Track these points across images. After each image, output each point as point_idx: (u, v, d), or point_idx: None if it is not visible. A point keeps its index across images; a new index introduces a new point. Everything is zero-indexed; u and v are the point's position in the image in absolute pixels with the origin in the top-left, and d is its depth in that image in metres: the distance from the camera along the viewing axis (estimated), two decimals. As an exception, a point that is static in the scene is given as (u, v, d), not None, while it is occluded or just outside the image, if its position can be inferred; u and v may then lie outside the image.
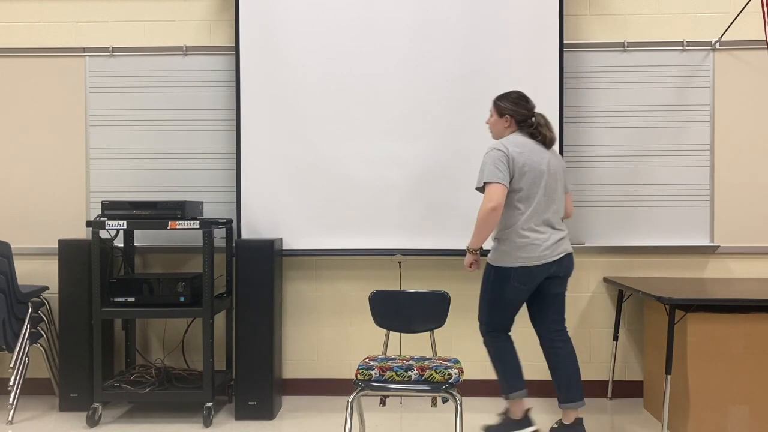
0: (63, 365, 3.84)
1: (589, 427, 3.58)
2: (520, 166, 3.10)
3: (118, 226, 3.64)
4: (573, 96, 4.07)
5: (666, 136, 4.06)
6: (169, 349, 4.20)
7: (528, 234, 3.11)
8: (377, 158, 4.00)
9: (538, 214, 3.14)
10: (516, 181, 3.10)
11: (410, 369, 2.89)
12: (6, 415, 3.74)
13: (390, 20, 3.99)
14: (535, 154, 3.14)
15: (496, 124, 3.28)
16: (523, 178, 3.10)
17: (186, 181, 4.16)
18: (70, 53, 4.18)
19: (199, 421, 3.69)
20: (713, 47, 4.05)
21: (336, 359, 4.17)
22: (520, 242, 3.11)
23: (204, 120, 4.15)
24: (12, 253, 3.82)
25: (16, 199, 4.21)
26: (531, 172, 3.11)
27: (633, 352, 4.11)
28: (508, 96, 3.28)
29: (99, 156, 4.17)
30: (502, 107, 3.26)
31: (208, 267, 3.63)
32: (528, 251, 3.11)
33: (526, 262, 3.11)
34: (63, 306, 3.84)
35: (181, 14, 4.17)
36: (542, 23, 3.95)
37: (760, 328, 3.30)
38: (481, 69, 3.98)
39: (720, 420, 3.31)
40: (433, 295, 3.23)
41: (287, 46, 4.02)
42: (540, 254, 3.12)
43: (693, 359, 3.31)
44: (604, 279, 4.09)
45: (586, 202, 4.08)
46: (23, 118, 4.20)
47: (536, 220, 3.13)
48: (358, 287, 4.15)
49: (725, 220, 4.06)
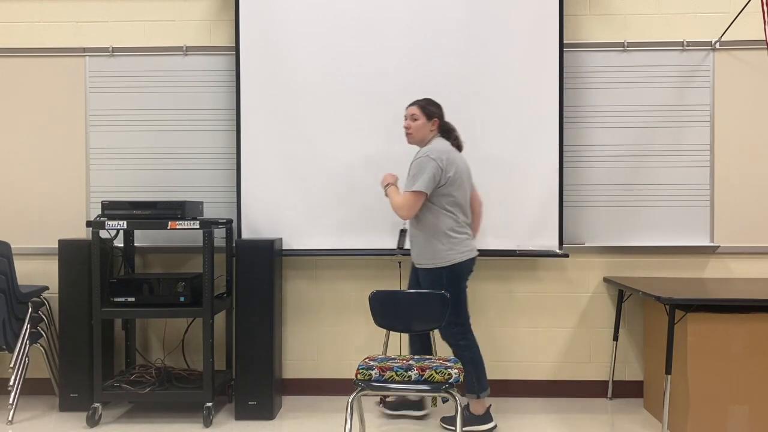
0: (63, 365, 3.84)
1: (589, 427, 3.58)
2: (452, 175, 3.36)
3: (118, 226, 3.64)
4: (573, 96, 4.07)
5: (666, 136, 4.06)
6: (169, 349, 4.20)
7: (459, 233, 3.41)
8: (377, 158, 4.00)
9: (465, 216, 3.45)
10: (447, 188, 3.36)
11: (410, 369, 2.89)
12: (6, 415, 3.74)
13: (390, 20, 3.99)
14: (459, 160, 3.44)
15: (423, 128, 3.45)
16: (454, 186, 3.37)
17: (186, 181, 4.16)
18: (70, 53, 4.18)
19: (199, 421, 3.69)
20: (713, 47, 4.05)
21: (336, 359, 4.17)
22: (455, 240, 3.39)
23: (204, 120, 4.15)
24: (12, 253, 3.82)
25: (16, 199, 4.21)
26: (460, 180, 3.40)
27: (633, 352, 4.11)
28: (430, 101, 3.50)
29: (99, 156, 4.17)
30: (432, 111, 3.48)
31: (208, 267, 3.63)
32: (464, 245, 3.41)
33: (467, 255, 3.40)
34: (63, 306, 3.84)
35: (181, 14, 4.17)
36: (542, 23, 3.95)
37: (760, 328, 3.30)
38: (481, 69, 3.98)
39: (720, 420, 3.31)
40: (433, 295, 3.23)
41: (287, 46, 4.02)
42: (471, 248, 3.45)
43: (693, 359, 3.31)
44: (604, 279, 4.09)
45: (586, 202, 4.08)
46: (23, 118, 4.20)
47: (463, 221, 3.44)
48: (358, 287, 4.15)
49: (725, 220, 4.06)
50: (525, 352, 4.13)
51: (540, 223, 3.96)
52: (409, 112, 3.50)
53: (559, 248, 3.97)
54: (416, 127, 3.46)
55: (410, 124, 3.47)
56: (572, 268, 4.11)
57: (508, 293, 4.12)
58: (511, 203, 3.97)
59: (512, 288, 4.12)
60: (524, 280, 4.12)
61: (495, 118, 3.98)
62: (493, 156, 3.98)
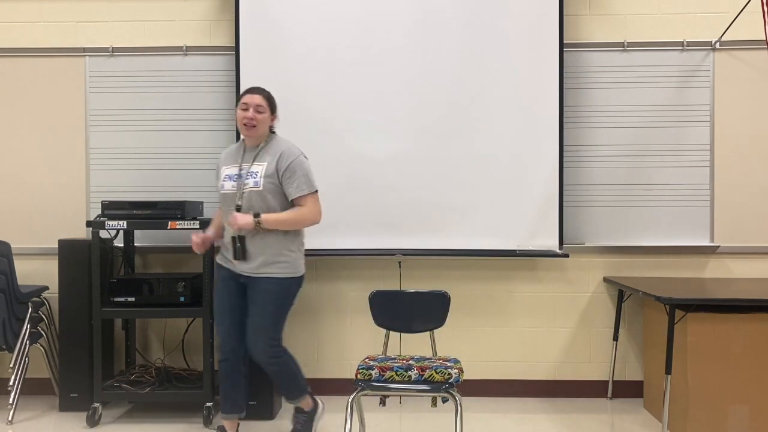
0: (63, 365, 3.84)
1: (589, 427, 3.58)
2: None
3: (118, 226, 3.64)
4: (573, 96, 4.07)
5: (666, 136, 4.06)
6: (169, 349, 4.20)
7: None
8: (377, 158, 4.00)
9: None
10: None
11: (410, 369, 2.89)
12: (6, 415, 3.74)
13: (390, 20, 3.99)
14: None
15: (266, 122, 3.16)
16: None
17: (186, 181, 4.16)
18: (70, 53, 4.18)
19: (199, 421, 3.69)
20: (713, 47, 4.05)
21: (336, 359, 4.17)
22: (302, 249, 3.24)
23: (204, 120, 4.15)
24: (12, 253, 3.82)
25: (16, 199, 4.21)
26: None
27: (633, 352, 4.11)
28: (270, 94, 3.23)
29: (99, 156, 4.17)
30: (275, 104, 3.22)
31: (208, 267, 3.63)
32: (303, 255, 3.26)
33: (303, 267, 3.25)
34: (63, 306, 3.84)
35: (181, 14, 4.17)
36: (542, 23, 3.95)
37: (760, 328, 3.30)
38: (481, 69, 3.98)
39: (720, 420, 3.31)
40: (433, 295, 3.23)
41: (287, 46, 4.02)
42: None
43: (693, 359, 3.31)
44: (604, 279, 4.09)
45: (586, 202, 4.08)
46: (23, 118, 4.20)
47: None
48: (358, 287, 4.15)
49: (725, 220, 4.06)
50: (525, 352, 4.13)
51: (540, 223, 3.96)
52: (253, 102, 3.11)
53: (559, 248, 3.97)
54: (263, 120, 3.12)
55: (255, 116, 3.10)
56: (572, 268, 4.10)
57: (508, 293, 4.12)
58: (511, 203, 3.97)
59: (512, 288, 4.12)
60: (524, 280, 4.11)
61: (495, 118, 3.98)
62: (493, 156, 3.98)
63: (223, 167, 3.20)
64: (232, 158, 3.20)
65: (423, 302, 3.23)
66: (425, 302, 3.23)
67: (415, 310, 3.23)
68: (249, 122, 3.10)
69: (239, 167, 3.14)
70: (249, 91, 3.16)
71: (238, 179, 3.12)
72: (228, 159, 3.21)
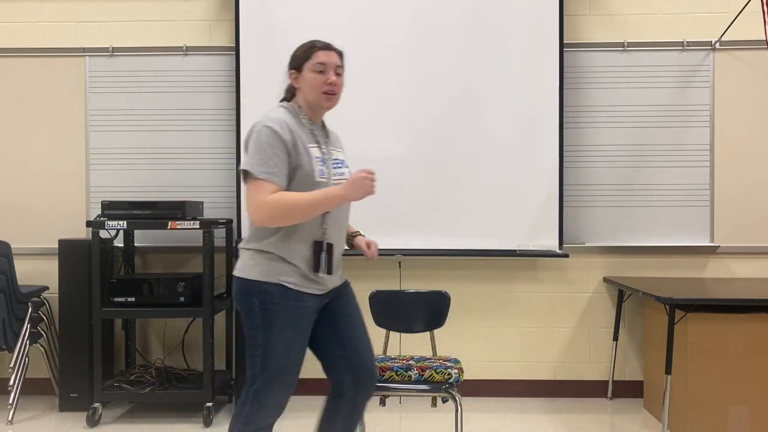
0: (63, 365, 3.84)
1: (590, 427, 3.58)
2: None
3: (118, 226, 3.64)
4: (573, 96, 4.07)
5: (666, 136, 4.06)
6: (169, 349, 4.20)
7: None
8: (377, 158, 4.00)
9: None
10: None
11: (410, 369, 2.89)
12: (6, 415, 3.74)
13: (390, 20, 3.99)
14: None
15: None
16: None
17: (186, 181, 4.16)
18: (70, 53, 4.18)
19: (199, 421, 3.69)
20: (713, 47, 4.05)
21: (336, 359, 4.16)
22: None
23: (204, 120, 4.15)
24: (12, 253, 3.82)
25: (16, 199, 4.21)
26: None
27: (633, 352, 4.11)
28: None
29: (99, 156, 4.17)
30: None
31: (208, 267, 3.63)
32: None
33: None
34: (63, 306, 3.84)
35: (181, 14, 4.17)
36: (542, 23, 3.95)
37: (760, 328, 3.30)
38: (481, 69, 3.98)
39: (720, 420, 3.31)
40: (433, 295, 3.23)
41: (287, 46, 4.00)
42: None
43: (693, 359, 3.31)
44: (604, 279, 4.09)
45: (586, 202, 4.08)
46: (23, 118, 4.20)
47: None
48: (358, 287, 4.14)
49: (725, 220, 4.06)
50: (525, 352, 4.13)
51: (540, 223, 3.96)
52: (332, 61, 2.33)
53: (559, 248, 3.97)
54: (342, 86, 2.39)
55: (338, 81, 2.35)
56: (572, 268, 4.10)
57: (508, 293, 4.12)
58: (511, 203, 3.97)
59: (512, 288, 4.12)
60: (524, 280, 4.11)
61: (495, 118, 3.98)
62: (493, 155, 3.98)
63: (307, 145, 2.29)
64: (306, 135, 2.31)
65: (423, 302, 3.23)
66: (425, 302, 3.23)
67: (415, 310, 3.23)
68: (331, 89, 2.33)
69: (320, 149, 2.34)
70: (325, 47, 2.33)
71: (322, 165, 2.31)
72: (303, 135, 2.29)
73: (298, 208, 2.16)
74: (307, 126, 2.34)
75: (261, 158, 2.18)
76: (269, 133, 2.20)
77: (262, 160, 2.18)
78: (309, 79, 2.31)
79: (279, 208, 2.15)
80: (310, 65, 2.31)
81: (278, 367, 2.24)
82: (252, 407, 2.26)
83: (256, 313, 2.23)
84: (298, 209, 2.16)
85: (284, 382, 2.26)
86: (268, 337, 2.23)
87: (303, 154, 2.24)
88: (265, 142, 2.18)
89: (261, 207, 2.15)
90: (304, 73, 2.32)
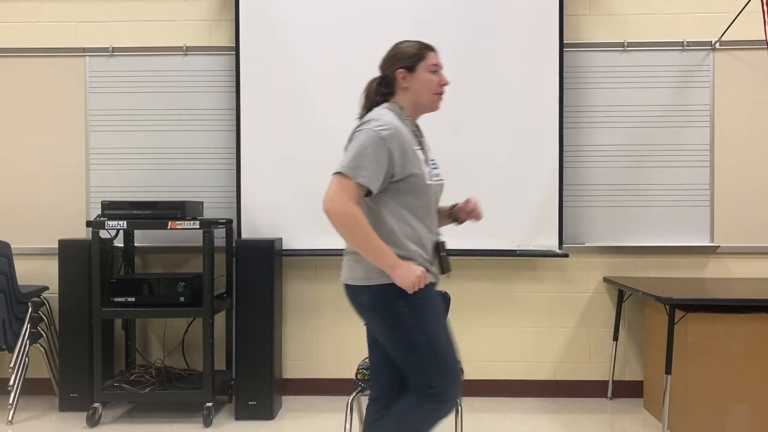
0: (63, 365, 3.84)
1: (589, 427, 3.58)
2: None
3: (118, 226, 3.64)
4: (573, 96, 4.07)
5: (666, 136, 4.06)
6: (169, 349, 4.20)
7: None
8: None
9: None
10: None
11: (410, 369, 2.89)
12: (6, 415, 3.74)
13: (390, 20, 3.99)
14: None
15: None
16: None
17: (186, 181, 4.16)
18: (70, 53, 4.18)
19: (199, 421, 3.69)
20: (713, 47, 4.05)
21: (336, 359, 4.16)
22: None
23: (204, 120, 4.15)
24: (12, 253, 3.82)
25: (16, 199, 4.21)
26: None
27: (633, 352, 4.11)
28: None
29: (99, 156, 4.17)
30: None
31: (208, 267, 3.63)
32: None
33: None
34: (63, 306, 3.84)
35: (181, 14, 4.17)
36: (542, 23, 3.95)
37: (760, 328, 3.30)
38: (481, 69, 3.98)
39: (720, 420, 3.31)
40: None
41: (287, 46, 4.02)
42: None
43: (693, 359, 3.31)
44: (604, 279, 4.08)
45: (586, 202, 4.08)
46: (23, 118, 4.20)
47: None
48: (358, 287, 4.15)
49: (725, 220, 4.06)
50: (525, 352, 4.13)
51: (540, 223, 3.96)
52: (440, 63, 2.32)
53: (559, 248, 3.97)
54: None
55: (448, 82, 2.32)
56: (572, 268, 4.10)
57: (508, 293, 4.12)
58: (511, 203, 3.97)
59: (512, 288, 4.12)
60: (524, 280, 4.11)
61: (494, 118, 3.98)
62: (493, 155, 3.97)
63: (415, 148, 2.25)
64: (410, 138, 2.28)
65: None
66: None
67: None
68: (443, 90, 2.32)
69: (423, 152, 2.31)
70: (433, 48, 2.32)
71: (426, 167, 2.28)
72: (410, 138, 2.27)
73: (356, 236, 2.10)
74: (409, 127, 2.29)
75: (360, 162, 2.13)
76: (376, 138, 2.15)
77: (360, 164, 2.13)
78: (425, 80, 2.27)
79: (347, 224, 2.09)
80: (425, 65, 2.27)
81: (450, 359, 2.18)
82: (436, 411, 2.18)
83: (404, 315, 2.14)
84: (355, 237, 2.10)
85: (457, 372, 2.21)
86: (428, 331, 2.15)
87: (413, 159, 2.19)
88: (369, 146, 2.14)
89: (339, 206, 2.09)
90: (419, 73, 2.27)
